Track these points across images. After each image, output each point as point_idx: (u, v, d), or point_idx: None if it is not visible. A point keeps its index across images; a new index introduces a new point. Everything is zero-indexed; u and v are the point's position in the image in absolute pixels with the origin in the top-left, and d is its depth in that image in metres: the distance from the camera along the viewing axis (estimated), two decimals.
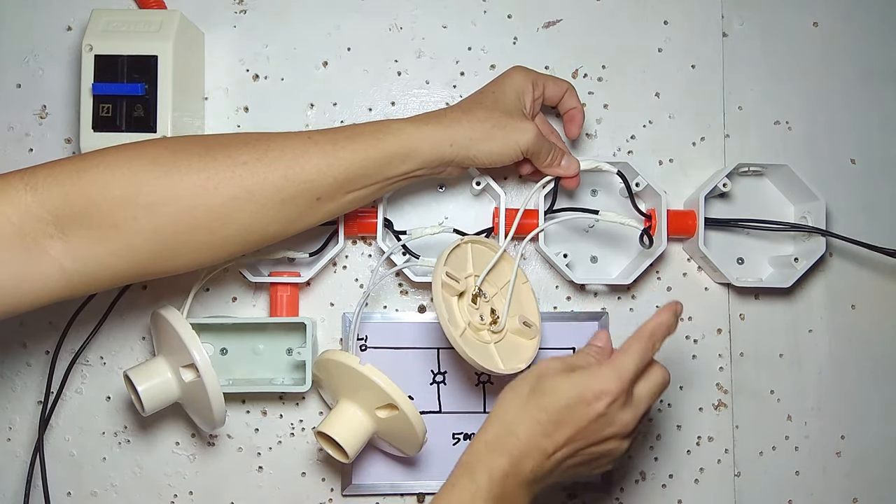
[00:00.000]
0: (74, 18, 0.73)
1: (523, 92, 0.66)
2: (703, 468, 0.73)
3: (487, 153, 0.63)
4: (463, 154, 0.62)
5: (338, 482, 0.72)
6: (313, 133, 0.60)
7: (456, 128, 0.62)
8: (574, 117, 0.70)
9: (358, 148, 0.59)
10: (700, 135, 0.75)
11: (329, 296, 0.72)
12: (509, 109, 0.64)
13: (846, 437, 0.74)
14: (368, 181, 0.60)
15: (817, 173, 0.74)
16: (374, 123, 0.62)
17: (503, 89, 0.66)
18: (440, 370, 0.71)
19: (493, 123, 0.63)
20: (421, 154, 0.61)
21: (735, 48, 0.75)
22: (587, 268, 0.73)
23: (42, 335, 0.71)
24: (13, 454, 0.71)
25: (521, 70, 0.67)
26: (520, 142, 0.63)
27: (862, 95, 0.76)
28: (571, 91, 0.69)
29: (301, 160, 0.57)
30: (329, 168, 0.58)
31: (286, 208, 0.58)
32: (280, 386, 0.69)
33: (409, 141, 0.60)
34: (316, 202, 0.59)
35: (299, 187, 0.57)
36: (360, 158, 0.59)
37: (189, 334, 0.61)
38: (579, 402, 0.54)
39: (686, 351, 0.74)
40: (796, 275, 0.70)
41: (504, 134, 0.63)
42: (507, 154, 0.64)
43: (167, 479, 0.72)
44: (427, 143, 0.61)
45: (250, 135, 0.59)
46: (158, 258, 0.56)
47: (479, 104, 0.64)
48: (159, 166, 0.54)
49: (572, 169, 0.68)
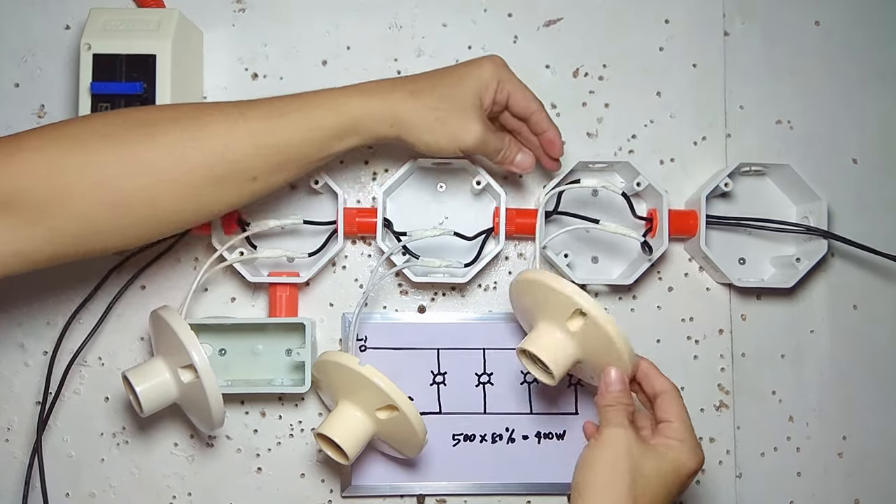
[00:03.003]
0: (73, 17, 0.73)
1: (484, 89, 0.62)
2: (704, 469, 0.73)
3: (425, 144, 0.61)
4: (402, 136, 0.61)
5: (337, 483, 0.72)
6: (247, 108, 0.58)
7: (399, 110, 0.60)
8: (551, 142, 0.66)
9: (296, 125, 0.57)
10: (701, 134, 0.74)
11: (328, 296, 0.72)
12: (461, 104, 0.61)
13: (848, 437, 0.74)
14: (308, 157, 0.59)
15: (819, 173, 0.74)
16: (313, 96, 0.59)
17: (463, 80, 0.62)
18: (440, 371, 0.71)
19: (438, 116, 0.60)
20: (362, 131, 0.59)
21: (736, 47, 0.75)
22: (588, 268, 0.73)
23: (40, 335, 0.71)
24: (11, 455, 0.71)
25: (493, 65, 0.63)
26: (459, 141, 0.61)
27: (864, 95, 0.76)
28: (541, 113, 0.65)
29: (233, 140, 0.56)
30: (265, 148, 0.56)
31: (219, 187, 0.56)
32: (279, 387, 0.68)
33: (352, 117, 0.58)
34: (252, 182, 0.57)
35: (231, 167, 0.56)
36: (298, 136, 0.57)
37: (188, 335, 0.61)
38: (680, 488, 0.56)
39: (687, 351, 0.73)
40: (798, 275, 0.69)
41: (445, 130, 0.61)
42: (446, 150, 0.62)
43: (166, 480, 0.71)
44: (369, 119, 0.59)
45: (181, 111, 0.57)
46: (91, 239, 0.55)
47: (430, 90, 0.61)
48: (88, 149, 0.53)
49: (526, 166, 0.66)
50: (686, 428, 0.57)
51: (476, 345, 0.71)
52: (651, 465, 0.55)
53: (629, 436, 0.56)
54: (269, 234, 0.71)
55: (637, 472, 0.55)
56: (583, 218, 0.69)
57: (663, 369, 0.72)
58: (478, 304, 0.73)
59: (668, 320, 0.73)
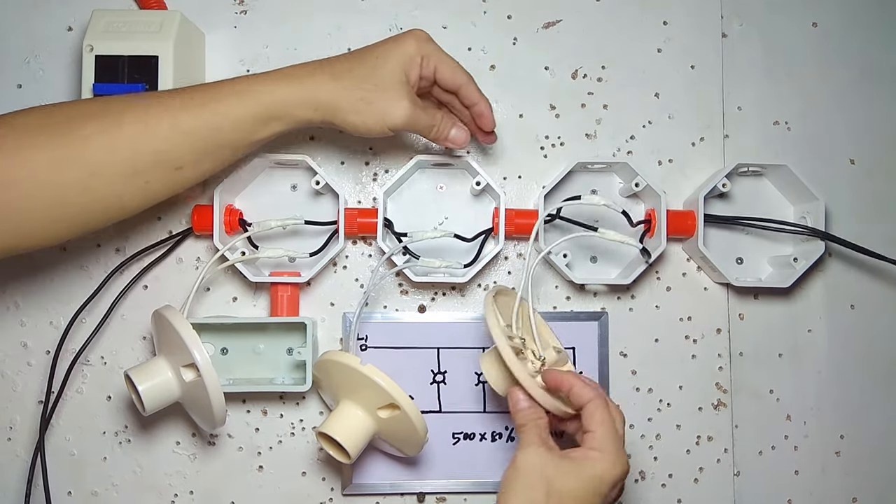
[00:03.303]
0: (75, 19, 0.73)
1: (409, 65, 0.61)
2: (702, 468, 0.73)
3: (352, 126, 0.60)
4: (328, 120, 0.60)
5: (338, 482, 0.72)
6: (166, 97, 0.57)
7: (321, 93, 0.59)
8: (480, 114, 0.65)
9: (216, 114, 0.56)
10: (699, 135, 0.75)
11: (329, 296, 0.73)
12: (384, 82, 0.60)
13: (845, 436, 0.74)
14: (231, 146, 0.58)
15: (816, 173, 0.74)
16: (233, 83, 0.59)
17: (386, 57, 0.60)
18: (440, 370, 0.72)
19: (361, 96, 0.59)
20: (285, 117, 0.59)
21: (734, 49, 0.76)
22: (587, 268, 0.73)
23: (43, 335, 0.72)
24: (14, 454, 0.71)
25: (416, 39, 0.61)
26: (387, 121, 0.60)
27: (861, 96, 0.76)
28: (470, 85, 0.64)
29: (151, 131, 0.55)
30: (184, 136, 0.56)
31: (140, 179, 0.56)
32: (280, 385, 0.69)
33: (273, 104, 0.58)
34: (175, 171, 0.57)
35: (151, 158, 0.55)
36: (217, 125, 0.57)
37: (190, 334, 0.61)
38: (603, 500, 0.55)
39: (685, 350, 0.74)
40: (795, 275, 0.70)
41: (370, 110, 0.59)
42: (374, 130, 0.61)
43: (168, 479, 0.72)
44: (291, 105, 0.58)
45: (97, 104, 0.56)
46: (13, 236, 0.55)
47: (351, 71, 0.60)
48: (19, 147, 0.53)
49: (460, 142, 0.65)
50: (608, 436, 0.56)
51: (476, 344, 0.71)
52: (568, 480, 0.54)
53: (541, 454, 0.55)
54: (271, 235, 0.71)
55: (552, 491, 0.54)
56: (582, 225, 0.69)
57: (662, 368, 0.73)
58: (478, 303, 0.73)
59: (667, 320, 0.74)
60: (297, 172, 0.72)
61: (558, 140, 0.74)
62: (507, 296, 0.66)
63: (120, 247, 0.72)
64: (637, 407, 0.73)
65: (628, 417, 0.72)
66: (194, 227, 0.69)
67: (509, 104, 0.74)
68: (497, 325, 0.60)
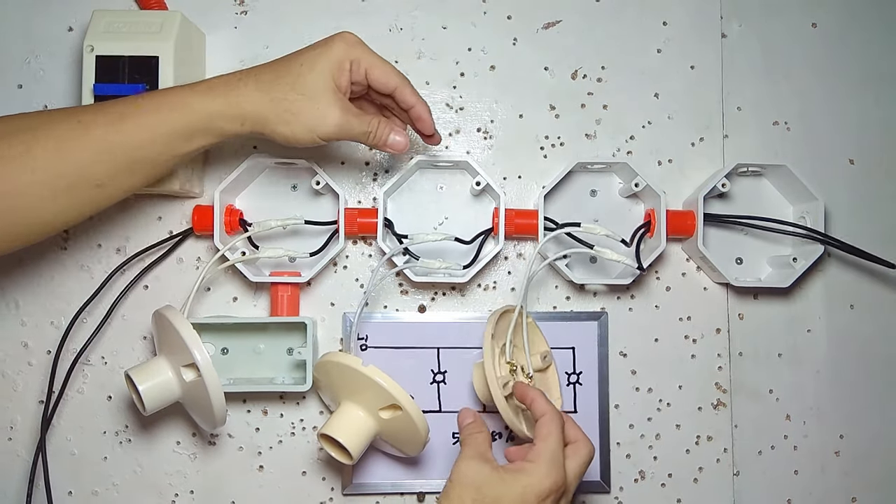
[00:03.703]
0: (76, 19, 0.73)
1: (338, 71, 0.58)
2: (702, 467, 0.74)
3: (282, 137, 0.58)
4: (258, 132, 0.58)
5: (338, 481, 0.72)
6: (90, 113, 0.56)
7: (246, 106, 0.56)
8: (418, 117, 0.63)
9: (138, 128, 0.55)
10: (699, 135, 0.75)
11: (329, 295, 0.73)
12: (311, 90, 0.57)
13: (845, 436, 0.74)
14: (151, 162, 0.56)
15: (816, 173, 0.74)
16: (155, 96, 0.57)
17: (312, 64, 0.58)
18: (440, 370, 0.72)
19: (287, 107, 0.57)
20: (211, 131, 0.57)
21: (734, 49, 0.76)
22: (586, 268, 0.73)
23: (44, 335, 0.72)
24: (15, 454, 0.71)
25: (344, 44, 0.59)
26: (317, 131, 0.58)
27: (860, 96, 0.76)
28: (405, 87, 0.61)
29: (70, 149, 0.54)
30: (105, 154, 0.54)
31: (63, 199, 0.55)
32: (281, 385, 0.69)
33: (196, 117, 0.56)
34: (97, 188, 0.55)
35: (72, 178, 0.54)
36: (136, 142, 0.55)
37: (190, 334, 0.61)
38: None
39: (685, 350, 0.74)
40: (795, 275, 0.70)
41: (299, 121, 0.57)
42: (304, 140, 0.58)
43: (168, 479, 0.72)
44: (216, 119, 0.56)
45: (13, 123, 0.55)
46: None
47: (277, 80, 0.57)
48: None
49: (399, 147, 0.62)
50: (546, 450, 0.56)
51: (476, 344, 0.72)
52: (497, 490, 0.55)
53: (474, 465, 0.56)
54: (271, 235, 0.71)
55: (480, 499, 0.55)
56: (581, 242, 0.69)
57: (661, 368, 0.73)
58: (478, 303, 0.73)
59: (666, 320, 0.74)
60: (298, 172, 0.72)
61: (558, 140, 0.74)
62: (511, 313, 0.67)
63: (120, 247, 0.72)
64: (637, 407, 0.73)
65: (628, 417, 0.73)
66: (195, 227, 0.69)
67: (509, 104, 0.74)
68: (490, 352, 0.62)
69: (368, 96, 0.65)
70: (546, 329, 0.71)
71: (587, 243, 0.68)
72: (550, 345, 0.71)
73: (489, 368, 0.62)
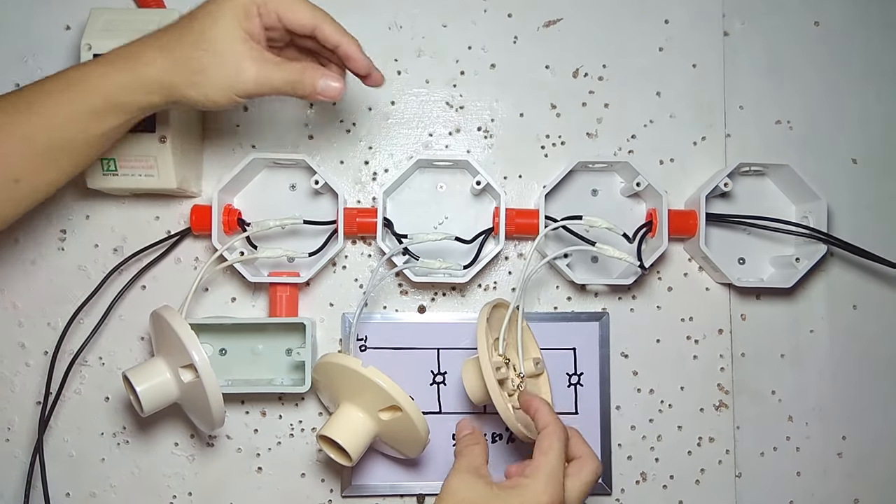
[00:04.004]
0: (73, 18, 0.73)
1: (245, 18, 0.52)
2: (703, 469, 0.73)
3: (195, 101, 0.53)
4: (174, 100, 0.53)
5: (337, 483, 0.72)
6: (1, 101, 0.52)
7: (151, 73, 0.51)
8: (347, 56, 0.56)
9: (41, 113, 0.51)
10: (701, 134, 0.75)
11: (328, 296, 0.72)
12: (218, 45, 0.52)
13: (847, 437, 0.74)
14: (71, 147, 0.52)
15: (819, 173, 0.74)
16: (61, 77, 0.52)
17: (216, 15, 0.52)
18: (440, 370, 0.71)
19: (192, 67, 0.51)
20: (119, 107, 0.52)
21: (736, 47, 0.75)
22: (588, 268, 0.73)
23: (41, 335, 0.71)
24: (12, 455, 0.71)
25: None
26: (233, 88, 0.52)
27: (863, 95, 0.76)
28: (326, 25, 0.55)
29: None
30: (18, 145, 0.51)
31: None
32: (279, 386, 0.68)
33: (99, 94, 0.51)
34: (15, 183, 0.52)
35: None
36: (48, 125, 0.51)
37: (188, 334, 0.61)
38: None
39: (687, 351, 0.73)
40: (797, 275, 0.70)
41: (208, 81, 0.52)
42: (221, 102, 0.53)
43: (166, 480, 0.72)
44: (122, 92, 0.51)
45: None
46: None
47: (181, 40, 0.52)
48: None
49: (332, 93, 0.56)
50: (545, 465, 0.54)
51: (476, 344, 0.71)
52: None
53: (465, 479, 0.55)
54: (270, 234, 0.71)
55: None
56: (581, 238, 0.68)
57: (663, 369, 0.73)
58: (478, 303, 0.73)
59: (668, 320, 0.73)
60: (296, 172, 0.72)
61: (559, 139, 0.74)
62: (503, 307, 0.66)
63: (118, 247, 0.72)
64: (638, 408, 0.73)
65: (629, 418, 0.72)
66: (193, 227, 0.69)
67: (510, 103, 0.74)
68: (485, 349, 0.61)
69: (294, 43, 0.59)
70: (547, 330, 0.71)
71: (588, 240, 0.68)
72: (551, 345, 0.71)
73: (483, 353, 0.60)
